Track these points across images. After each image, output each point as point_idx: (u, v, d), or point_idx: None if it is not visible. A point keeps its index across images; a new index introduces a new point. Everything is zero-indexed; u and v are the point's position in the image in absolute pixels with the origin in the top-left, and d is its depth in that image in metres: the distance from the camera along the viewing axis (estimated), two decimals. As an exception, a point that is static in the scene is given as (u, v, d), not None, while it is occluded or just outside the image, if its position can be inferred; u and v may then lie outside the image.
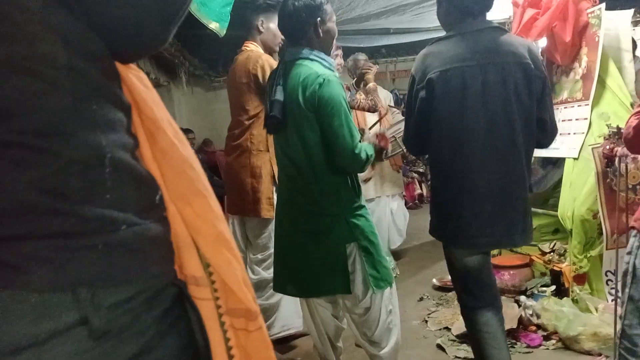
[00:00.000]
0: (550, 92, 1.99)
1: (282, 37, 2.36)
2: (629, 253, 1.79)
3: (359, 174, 2.11)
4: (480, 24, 1.92)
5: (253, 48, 2.70)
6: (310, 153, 1.98)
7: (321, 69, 1.96)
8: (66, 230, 0.59)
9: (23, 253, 0.57)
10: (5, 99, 0.57)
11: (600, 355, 2.56)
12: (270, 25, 2.68)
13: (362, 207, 2.06)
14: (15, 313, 0.57)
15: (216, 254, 0.71)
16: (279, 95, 1.97)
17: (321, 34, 2.00)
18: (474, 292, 2.04)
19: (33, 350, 0.57)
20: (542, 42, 3.14)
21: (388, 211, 4.24)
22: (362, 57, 4.23)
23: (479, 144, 1.87)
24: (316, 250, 2.04)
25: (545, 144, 2.06)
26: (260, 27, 2.70)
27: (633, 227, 1.78)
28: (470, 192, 1.89)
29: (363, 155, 1.93)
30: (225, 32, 2.51)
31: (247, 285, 0.74)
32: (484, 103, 1.84)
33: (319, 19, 1.98)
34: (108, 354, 0.61)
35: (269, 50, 2.74)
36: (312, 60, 1.99)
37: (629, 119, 1.71)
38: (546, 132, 1.99)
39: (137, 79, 0.70)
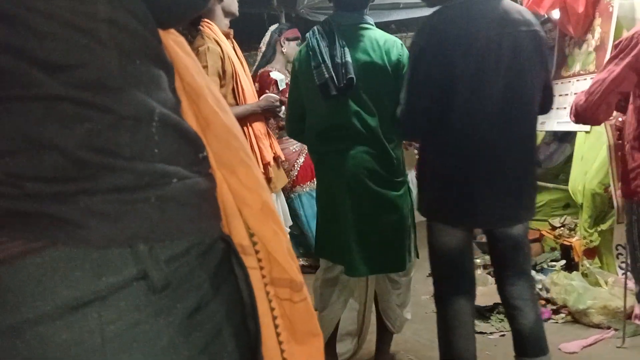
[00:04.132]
0: (552, 59, 1.94)
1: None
2: (630, 229, 1.81)
3: None
4: None
5: (210, 35, 2.28)
6: (386, 116, 1.97)
7: (390, 35, 2.06)
8: (119, 185, 0.59)
9: (79, 208, 0.57)
10: (53, 51, 0.57)
11: (609, 328, 2.58)
12: None
13: None
14: (77, 269, 0.57)
15: (261, 224, 0.71)
16: (349, 58, 1.94)
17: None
18: (451, 276, 1.97)
19: (95, 306, 0.58)
20: (556, 14, 3.09)
21: None
22: None
23: (496, 119, 1.79)
24: (395, 220, 2.04)
25: (548, 110, 2.02)
26: None
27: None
28: (483, 168, 1.81)
29: None
30: None
31: (292, 256, 0.74)
32: (501, 75, 1.76)
33: None
34: (168, 308, 0.61)
35: (231, 15, 2.43)
36: (373, 26, 2.06)
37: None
38: (551, 99, 1.95)
39: (177, 45, 0.69)
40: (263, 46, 3.44)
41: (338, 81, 1.92)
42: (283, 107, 2.49)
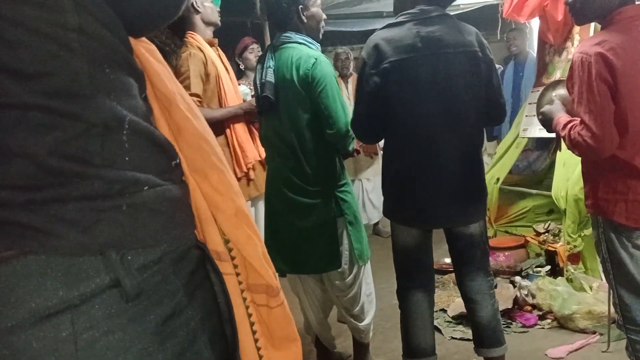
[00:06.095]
0: (497, 74, 2.07)
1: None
2: (598, 243, 1.81)
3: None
4: (432, 10, 1.96)
5: (193, 43, 2.34)
6: (302, 131, 2.07)
7: (311, 51, 2.08)
8: (90, 193, 0.59)
9: (50, 216, 0.57)
10: (22, 60, 0.57)
11: (594, 333, 2.60)
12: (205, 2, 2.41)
13: (348, 183, 2.21)
14: (49, 277, 0.57)
15: (235, 229, 0.71)
16: (270, 77, 2.07)
17: (305, 20, 2.11)
18: (410, 271, 2.11)
19: (67, 314, 0.57)
20: (535, 23, 3.14)
21: (361, 192, 4.74)
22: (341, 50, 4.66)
23: (435, 129, 1.93)
24: (308, 225, 2.12)
25: (500, 121, 2.23)
26: (197, 5, 2.35)
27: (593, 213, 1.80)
28: (427, 175, 1.96)
29: (352, 132, 2.07)
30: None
31: (268, 261, 0.74)
32: (437, 91, 1.91)
33: (300, 6, 2.08)
34: (142, 316, 0.61)
35: (213, 25, 2.47)
36: (300, 43, 2.10)
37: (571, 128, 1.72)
38: (500, 110, 2.10)
39: (148, 52, 0.69)
40: None
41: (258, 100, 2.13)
42: None
